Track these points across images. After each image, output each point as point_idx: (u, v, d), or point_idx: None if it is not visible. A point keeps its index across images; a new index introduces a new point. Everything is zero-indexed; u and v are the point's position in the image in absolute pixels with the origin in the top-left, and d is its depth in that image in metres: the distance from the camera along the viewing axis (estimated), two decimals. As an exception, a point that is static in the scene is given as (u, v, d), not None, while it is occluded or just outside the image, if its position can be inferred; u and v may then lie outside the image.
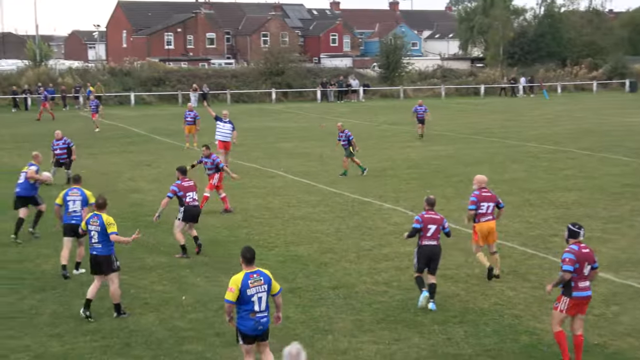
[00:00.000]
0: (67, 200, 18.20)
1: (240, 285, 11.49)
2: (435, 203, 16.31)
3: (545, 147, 39.05)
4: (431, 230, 15.80)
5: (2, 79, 73.46)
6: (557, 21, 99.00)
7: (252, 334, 11.67)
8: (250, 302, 11.50)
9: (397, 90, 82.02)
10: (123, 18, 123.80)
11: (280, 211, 24.64)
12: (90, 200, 18.08)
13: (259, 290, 11.57)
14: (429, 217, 15.94)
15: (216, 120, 32.64)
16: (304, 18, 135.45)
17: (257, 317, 11.59)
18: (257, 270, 11.74)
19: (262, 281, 11.62)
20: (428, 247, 15.78)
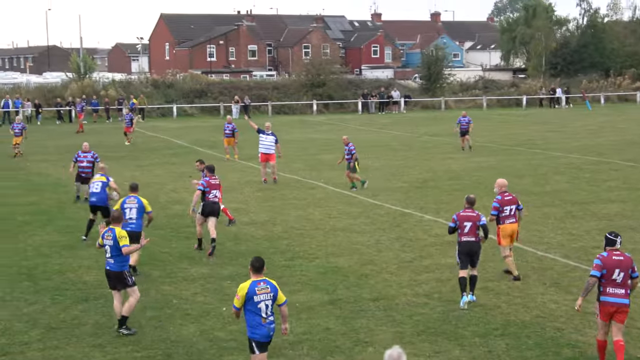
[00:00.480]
0: (124, 207, 18.77)
1: (246, 292, 11.94)
2: (474, 202, 17.09)
3: (588, 159, 38.74)
4: (467, 227, 16.57)
5: (47, 91, 74.37)
6: (600, 31, 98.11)
7: (266, 340, 12.14)
8: (258, 308, 11.95)
9: (439, 101, 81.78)
10: (166, 30, 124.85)
11: (321, 223, 24.67)
12: (147, 209, 18.87)
13: (266, 298, 12.01)
14: (465, 215, 16.76)
15: (258, 133, 32.67)
16: (345, 29, 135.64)
17: (268, 323, 12.05)
18: (264, 279, 12.18)
19: (268, 289, 12.06)
20: (467, 243, 16.56)
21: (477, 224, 16.66)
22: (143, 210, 18.87)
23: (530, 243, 21.50)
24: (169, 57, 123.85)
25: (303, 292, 17.31)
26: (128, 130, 49.62)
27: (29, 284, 18.18)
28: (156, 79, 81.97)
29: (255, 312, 11.99)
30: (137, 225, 18.64)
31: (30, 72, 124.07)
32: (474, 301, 16.48)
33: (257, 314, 11.99)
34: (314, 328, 15.07)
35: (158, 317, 15.85)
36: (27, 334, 14.99)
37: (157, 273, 19.06)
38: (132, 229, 18.03)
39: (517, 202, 18.36)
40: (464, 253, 16.55)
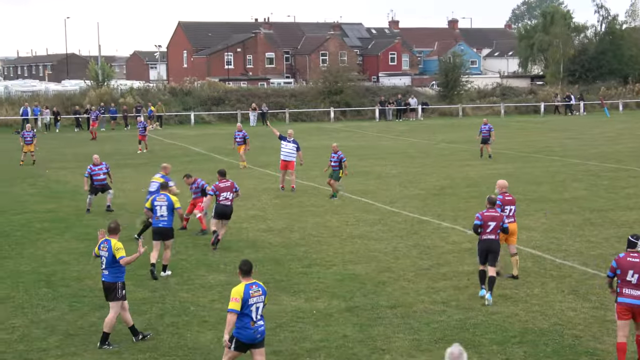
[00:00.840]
0: (155, 205, 19.64)
1: (243, 295, 12.06)
2: (495, 202, 18.04)
3: (606, 166, 38.59)
4: (491, 226, 17.38)
5: (65, 99, 74.73)
6: (618, 38, 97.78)
7: (249, 342, 12.22)
8: (250, 311, 12.07)
9: (456, 108, 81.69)
10: (184, 38, 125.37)
11: (338, 230, 24.66)
12: (176, 205, 19.61)
13: (258, 301, 12.20)
14: (489, 215, 17.52)
15: (280, 140, 32.62)
16: (362, 37, 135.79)
17: (256, 327, 12.17)
18: (255, 282, 12.39)
19: (260, 292, 12.27)
20: (486, 241, 17.37)
21: (500, 225, 17.44)
22: (172, 207, 19.56)
23: (548, 250, 21.43)
24: (186, 65, 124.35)
25: (320, 300, 17.30)
26: (142, 138, 49.49)
27: (47, 290, 18.25)
28: (174, 86, 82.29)
29: (247, 315, 12.11)
30: (168, 221, 19.49)
31: (49, 80, 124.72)
32: (490, 302, 16.84)
33: (249, 316, 12.11)
34: (331, 335, 15.06)
35: (176, 324, 15.87)
36: (45, 341, 15.05)
37: (175, 280, 19.10)
38: (163, 226, 19.39)
39: (515, 203, 19.29)
40: (483, 250, 17.41)
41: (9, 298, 17.76)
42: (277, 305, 16.92)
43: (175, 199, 19.72)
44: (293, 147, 32.24)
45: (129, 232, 23.23)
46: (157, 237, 19.62)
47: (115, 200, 30.62)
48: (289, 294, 17.80)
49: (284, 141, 32.42)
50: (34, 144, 43.66)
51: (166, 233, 19.50)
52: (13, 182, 35.87)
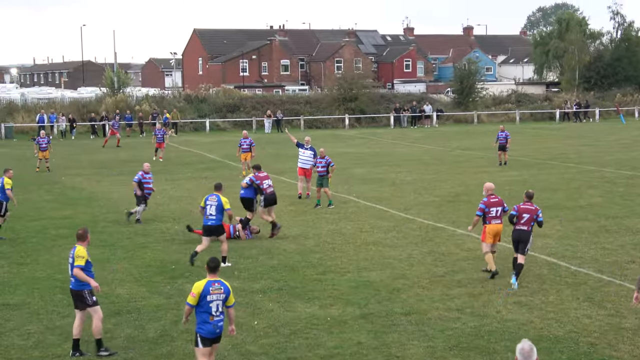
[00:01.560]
0: (206, 204, 21.19)
1: (201, 291, 12.68)
2: (533, 196, 19.47)
3: (621, 173, 38.45)
4: (525, 218, 18.99)
5: (81, 106, 75.07)
6: (634, 45, 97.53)
7: (211, 337, 12.75)
8: (209, 307, 12.66)
9: (471, 115, 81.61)
10: (199, 46, 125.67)
11: (353, 237, 24.66)
12: (225, 207, 21.04)
13: (218, 298, 12.73)
14: (525, 207, 19.17)
15: (298, 147, 32.52)
16: (377, 44, 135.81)
17: (215, 321, 12.73)
18: (219, 280, 12.93)
19: (222, 290, 12.79)
20: (518, 231, 19.06)
21: (534, 218, 19.03)
22: (222, 208, 20.97)
23: (563, 257, 21.37)
24: (202, 72, 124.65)
25: (335, 306, 17.29)
26: (162, 146, 49.14)
27: (63, 297, 18.29)
28: (189, 93, 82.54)
29: (206, 310, 12.68)
30: (216, 220, 21.01)
31: (65, 87, 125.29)
32: (515, 287, 18.31)
33: (208, 312, 12.67)
34: (346, 342, 15.05)
35: (190, 330, 15.88)
36: (60, 347, 15.10)
37: (190, 287, 19.05)
38: (212, 224, 21.01)
39: (503, 204, 20.03)
40: (514, 239, 19.13)
41: (25, 304, 17.84)
42: (292, 312, 16.93)
43: (225, 200, 21.08)
44: (310, 154, 31.90)
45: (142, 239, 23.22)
46: (206, 233, 21.25)
47: (131, 206, 30.73)
48: (303, 300, 17.81)
49: (302, 148, 32.24)
50: (48, 151, 43.79)
51: (215, 230, 21.13)
52: (29, 189, 36.02)
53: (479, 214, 19.89)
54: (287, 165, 43.18)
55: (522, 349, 9.11)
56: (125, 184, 37.11)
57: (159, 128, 49.78)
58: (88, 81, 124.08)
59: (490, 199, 19.92)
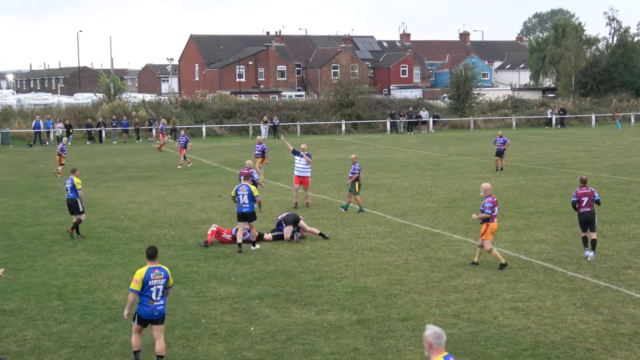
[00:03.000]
0: (238, 193, 23.45)
1: (143, 277, 13.88)
2: (586, 181, 22.41)
3: (618, 178, 38.48)
4: (585, 201, 21.80)
5: (77, 112, 75.10)
6: (630, 50, 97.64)
7: (147, 318, 14.03)
8: (150, 291, 13.89)
9: (468, 121, 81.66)
10: (196, 51, 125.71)
11: (349, 242, 24.65)
12: (255, 194, 23.39)
13: (158, 283, 13.97)
14: (582, 192, 21.96)
15: (294, 154, 32.13)
16: (374, 50, 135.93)
17: (155, 305, 13.97)
18: (158, 266, 14.14)
19: (162, 275, 14.03)
20: (584, 213, 21.83)
21: (592, 198, 21.84)
22: (252, 195, 23.30)
23: (560, 263, 21.37)
24: (198, 78, 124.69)
25: (331, 312, 17.28)
26: (182, 152, 49.09)
27: (59, 303, 18.29)
28: (186, 99, 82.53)
29: (147, 295, 13.92)
30: (250, 207, 23.35)
31: (61, 93, 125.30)
32: (594, 259, 21.31)
33: (148, 297, 13.93)
34: (342, 348, 15.04)
35: (187, 336, 15.89)
36: (57, 353, 15.08)
37: (186, 292, 19.12)
38: (247, 211, 23.34)
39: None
40: (582, 221, 21.85)
41: (21, 310, 17.81)
42: (288, 317, 16.92)
43: (254, 188, 23.60)
44: (306, 162, 31.66)
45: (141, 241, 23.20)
46: (241, 219, 23.47)
47: (127, 212, 30.75)
48: (299, 306, 17.80)
49: (298, 156, 31.87)
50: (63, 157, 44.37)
51: (249, 216, 23.44)
52: (26, 195, 36.01)
53: (489, 212, 20.72)
54: (283, 171, 43.20)
55: (435, 332, 9.34)
56: (123, 189, 37.13)
57: (182, 134, 49.89)
58: (84, 87, 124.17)
59: (494, 199, 20.95)
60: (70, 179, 26.07)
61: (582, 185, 22.11)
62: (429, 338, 9.31)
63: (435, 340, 9.31)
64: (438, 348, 9.33)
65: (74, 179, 25.97)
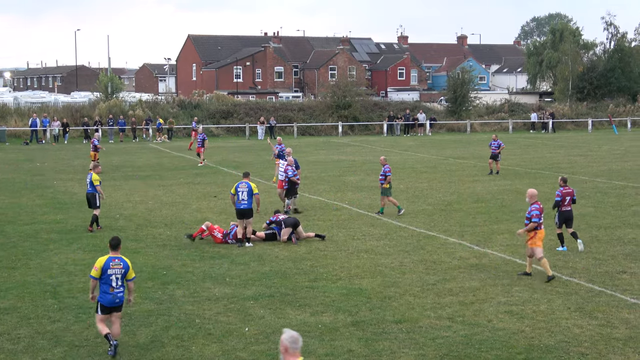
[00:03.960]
0: (238, 190, 23.94)
1: (102, 265, 14.82)
2: (567, 180, 23.50)
3: (613, 183, 38.53)
4: (567, 200, 22.90)
5: (74, 110, 75.02)
6: (627, 55, 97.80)
7: (109, 306, 14.86)
8: (109, 280, 14.80)
9: (464, 124, 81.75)
10: (193, 51, 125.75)
11: (345, 244, 24.65)
12: (255, 191, 23.90)
13: (117, 272, 14.84)
14: (566, 191, 22.98)
15: (279, 158, 31.91)
16: (371, 52, 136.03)
17: (115, 292, 14.88)
18: (119, 256, 15.05)
19: (121, 265, 14.93)
20: (566, 212, 23.04)
21: (572, 198, 23.05)
22: (252, 192, 23.83)
23: (555, 267, 21.37)
24: (195, 78, 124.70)
25: (326, 314, 17.28)
26: (200, 150, 49.42)
27: (54, 301, 18.27)
28: (183, 99, 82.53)
29: (107, 283, 14.82)
30: (248, 204, 23.86)
31: (58, 92, 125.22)
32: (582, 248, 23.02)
33: (108, 284, 14.81)
34: (337, 350, 15.04)
35: (181, 336, 15.88)
36: (51, 352, 15.06)
37: (181, 292, 19.11)
38: (244, 207, 23.83)
39: None
40: (564, 219, 23.03)
41: (15, 309, 17.78)
42: (283, 318, 16.92)
43: (254, 185, 24.10)
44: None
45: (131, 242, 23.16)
46: (239, 216, 23.96)
47: (123, 211, 30.73)
48: (294, 307, 17.79)
49: (282, 160, 31.46)
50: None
51: (247, 213, 23.86)
52: (21, 193, 35.97)
53: (538, 220, 20.03)
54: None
55: (291, 336, 9.28)
56: (119, 189, 37.11)
57: (200, 132, 50.34)
58: (81, 86, 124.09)
59: (540, 205, 20.39)
60: (89, 174, 26.87)
61: (564, 185, 23.18)
62: (285, 342, 9.25)
63: (291, 344, 9.24)
64: (294, 352, 9.25)
65: (92, 174, 26.66)
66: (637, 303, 17.99)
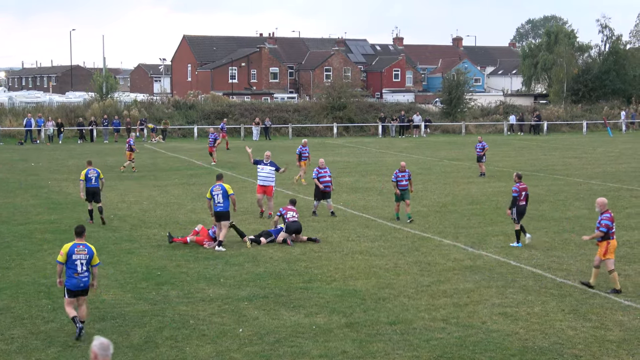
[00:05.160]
0: (213, 194, 23.92)
1: (67, 251, 15.75)
2: (521, 177, 25.01)
3: (608, 185, 38.56)
4: (523, 195, 24.31)
5: (69, 110, 74.91)
6: (622, 58, 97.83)
7: (75, 289, 15.79)
8: (74, 264, 15.72)
9: (459, 125, 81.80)
10: (188, 52, 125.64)
11: (339, 245, 24.65)
12: (229, 192, 23.87)
13: (82, 258, 15.78)
14: (522, 187, 24.40)
15: (256, 164, 30.05)
16: (367, 53, 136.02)
17: (80, 277, 15.80)
18: (84, 243, 15.96)
19: (85, 251, 15.85)
20: (523, 206, 24.40)
21: (526, 193, 24.45)
22: (227, 194, 23.80)
23: (549, 269, 21.40)
24: (190, 79, 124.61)
25: (320, 315, 17.27)
26: (212, 150, 50.01)
27: (47, 302, 18.24)
28: (178, 99, 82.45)
29: (72, 267, 15.73)
30: (224, 206, 23.75)
31: (53, 92, 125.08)
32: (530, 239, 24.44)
33: (74, 269, 15.72)
34: (331, 351, 15.03)
35: (175, 337, 15.86)
36: (44, 352, 15.04)
37: (175, 293, 19.09)
38: (220, 210, 23.72)
39: None
40: (520, 213, 24.31)
41: (9, 309, 17.75)
42: (277, 319, 16.90)
43: (228, 187, 23.99)
44: (271, 170, 29.56)
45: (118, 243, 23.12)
46: (217, 219, 23.82)
47: (117, 212, 30.70)
48: (288, 308, 17.78)
49: (260, 164, 29.68)
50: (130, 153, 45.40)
51: (224, 215, 23.77)
52: (16, 193, 35.92)
53: (605, 230, 19.46)
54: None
55: (101, 343, 9.25)
56: (113, 189, 37.06)
57: (212, 132, 51.28)
58: (76, 86, 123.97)
59: (611, 214, 19.88)
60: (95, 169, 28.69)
61: (519, 181, 24.55)
62: (95, 349, 9.22)
63: (101, 351, 9.21)
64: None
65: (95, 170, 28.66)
66: (631, 305, 18.02)
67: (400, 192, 28.91)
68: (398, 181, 28.98)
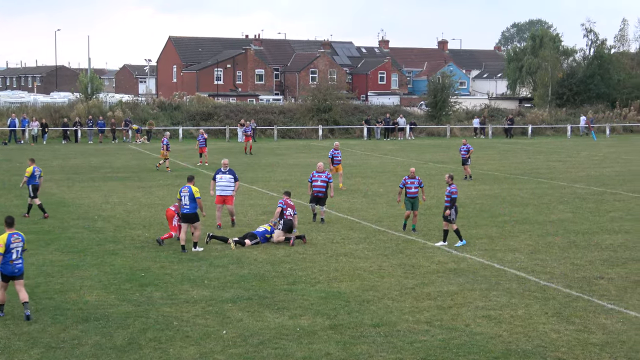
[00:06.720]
0: (181, 195, 24.01)
1: (6, 242, 16.98)
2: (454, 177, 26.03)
3: (592, 189, 38.70)
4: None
5: (53, 111, 74.64)
6: (606, 62, 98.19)
7: (10, 275, 17.11)
8: (11, 253, 17.01)
9: (444, 128, 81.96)
10: (174, 53, 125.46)
11: (324, 247, 24.65)
12: (196, 195, 23.76)
13: (17, 246, 17.14)
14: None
15: (215, 175, 28.49)
16: (352, 56, 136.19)
17: (14, 264, 17.06)
18: (16, 232, 17.30)
19: (20, 239, 17.22)
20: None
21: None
22: (193, 197, 23.71)
23: (533, 272, 21.46)
24: (176, 80, 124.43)
25: (304, 317, 17.26)
26: (203, 150, 50.31)
27: (30, 303, 18.13)
28: (163, 100, 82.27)
29: (7, 255, 16.97)
30: (191, 208, 23.72)
31: (37, 92, 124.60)
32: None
33: (10, 257, 16.99)
34: (315, 353, 15.02)
35: (158, 338, 15.81)
36: (27, 353, 14.97)
37: (159, 294, 19.04)
38: (187, 212, 23.74)
39: None
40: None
41: (-9, 309, 17.66)
42: (261, 321, 16.89)
43: (195, 190, 23.91)
44: (230, 178, 27.98)
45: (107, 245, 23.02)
46: (184, 220, 23.84)
47: (101, 213, 30.61)
48: (272, 310, 17.77)
49: (219, 173, 28.15)
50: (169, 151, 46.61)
51: (191, 217, 23.78)
52: (-1, 193, 35.75)
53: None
54: (259, 174, 43.24)
55: None
56: (97, 190, 36.96)
57: (201, 133, 51.50)
58: (61, 86, 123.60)
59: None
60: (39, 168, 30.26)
61: (452, 182, 26.02)
62: None
63: None
64: None
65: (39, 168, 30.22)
66: (614, 309, 18.08)
67: (409, 200, 27.41)
68: (407, 188, 27.48)
